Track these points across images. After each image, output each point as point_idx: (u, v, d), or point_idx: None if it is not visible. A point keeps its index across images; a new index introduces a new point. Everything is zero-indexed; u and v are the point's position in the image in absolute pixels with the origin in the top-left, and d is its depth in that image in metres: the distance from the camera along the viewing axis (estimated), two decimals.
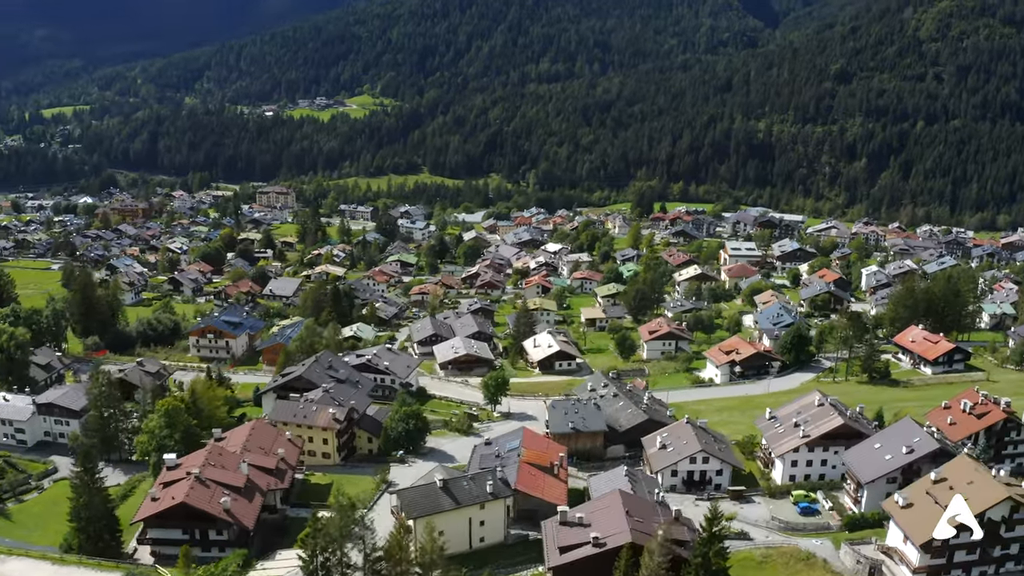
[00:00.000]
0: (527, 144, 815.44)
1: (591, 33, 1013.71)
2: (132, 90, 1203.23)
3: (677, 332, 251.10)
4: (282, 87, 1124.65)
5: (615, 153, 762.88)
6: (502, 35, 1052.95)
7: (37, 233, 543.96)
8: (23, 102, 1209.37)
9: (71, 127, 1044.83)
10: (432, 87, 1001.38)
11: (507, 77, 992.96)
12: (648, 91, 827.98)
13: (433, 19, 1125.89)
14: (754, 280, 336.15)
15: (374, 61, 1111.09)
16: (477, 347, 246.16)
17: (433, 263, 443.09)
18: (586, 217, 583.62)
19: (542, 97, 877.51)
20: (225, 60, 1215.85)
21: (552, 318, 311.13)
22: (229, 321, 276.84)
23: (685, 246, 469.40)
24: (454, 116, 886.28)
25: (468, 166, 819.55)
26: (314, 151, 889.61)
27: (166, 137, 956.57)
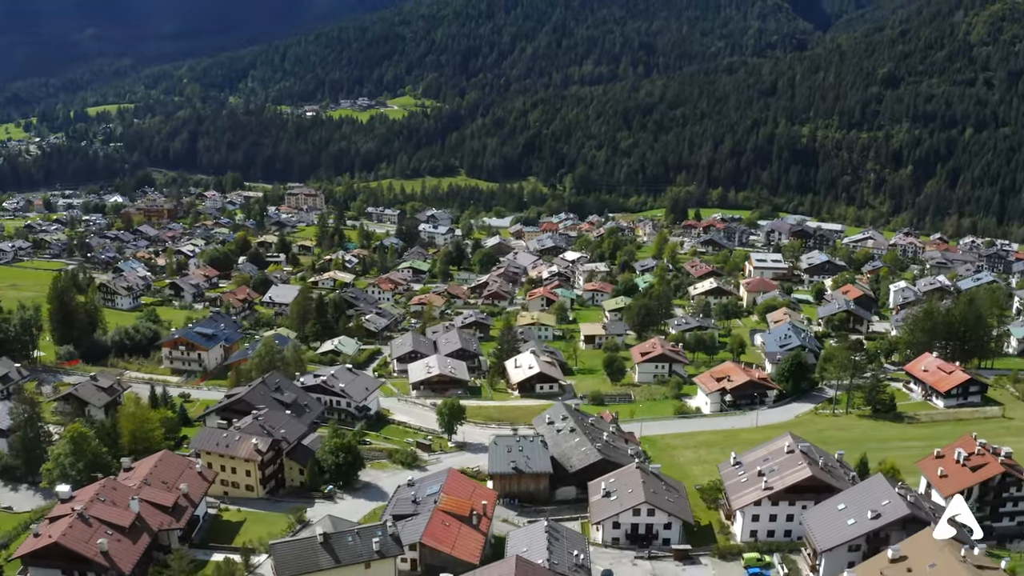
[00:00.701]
0: (566, 147, 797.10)
1: (636, 35, 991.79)
2: (177, 89, 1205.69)
3: (671, 354, 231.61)
4: (325, 87, 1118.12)
5: (654, 157, 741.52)
6: (546, 36, 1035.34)
7: (56, 233, 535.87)
8: (70, 100, 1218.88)
9: (113, 125, 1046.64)
10: (474, 88, 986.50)
11: (549, 79, 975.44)
12: (691, 94, 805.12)
13: (478, 20, 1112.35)
14: (770, 296, 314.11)
15: (417, 62, 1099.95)
16: (453, 367, 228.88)
17: (446, 271, 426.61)
18: (615, 223, 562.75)
19: (583, 99, 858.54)
20: (270, 60, 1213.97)
21: (550, 334, 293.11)
22: (202, 333, 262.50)
23: (712, 256, 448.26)
24: (493, 118, 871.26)
25: (505, 169, 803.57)
26: (351, 152, 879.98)
27: (205, 136, 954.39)
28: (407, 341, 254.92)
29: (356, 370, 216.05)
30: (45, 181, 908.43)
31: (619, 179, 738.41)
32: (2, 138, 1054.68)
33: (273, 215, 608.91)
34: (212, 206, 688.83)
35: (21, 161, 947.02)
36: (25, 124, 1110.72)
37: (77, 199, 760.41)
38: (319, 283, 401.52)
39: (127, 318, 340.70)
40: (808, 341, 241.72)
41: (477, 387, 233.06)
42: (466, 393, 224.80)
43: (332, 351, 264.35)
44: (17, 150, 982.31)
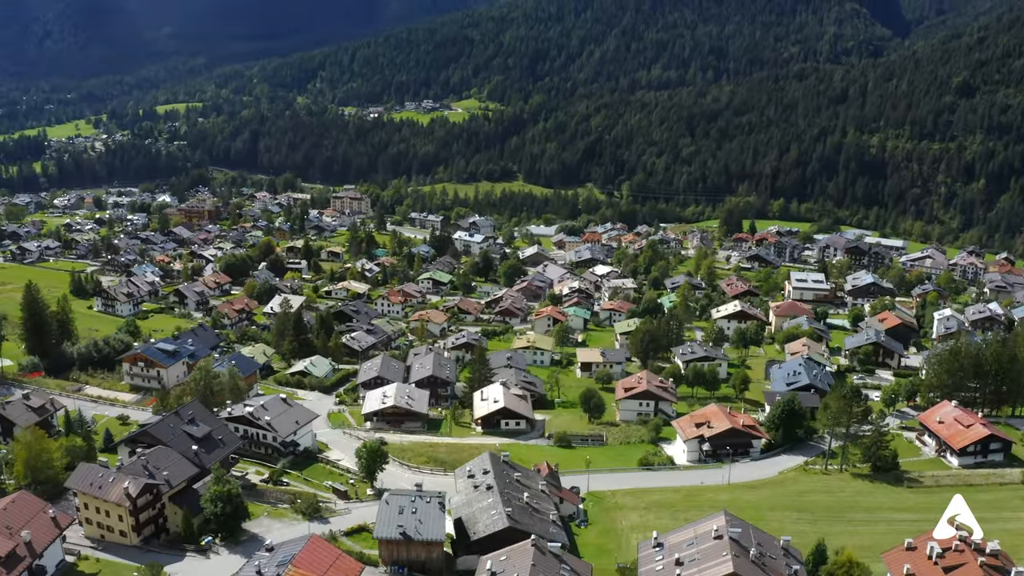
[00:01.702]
0: (626, 153, 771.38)
1: (707, 39, 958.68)
2: (247, 89, 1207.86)
3: (656, 391, 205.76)
4: (391, 89, 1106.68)
5: (716, 166, 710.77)
6: (615, 40, 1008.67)
7: (90, 232, 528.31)
8: (142, 98, 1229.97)
9: (179, 124, 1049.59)
10: (539, 92, 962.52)
11: (616, 83, 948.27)
12: (759, 101, 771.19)
13: (547, 23, 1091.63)
14: (795, 323, 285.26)
15: (484, 64, 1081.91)
16: (411, 397, 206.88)
17: (468, 283, 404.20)
18: (660, 235, 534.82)
19: (647, 105, 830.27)
20: (339, 61, 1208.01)
21: (547, 359, 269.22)
22: (162, 349, 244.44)
23: (754, 273, 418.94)
24: (555, 122, 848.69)
25: (563, 175, 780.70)
26: (409, 155, 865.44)
27: (266, 137, 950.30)
28: (375, 365, 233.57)
29: (290, 401, 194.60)
30: (108, 178, 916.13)
31: (678, 188, 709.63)
32: (72, 134, 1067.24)
33: (314, 219, 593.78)
34: (259, 207, 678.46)
35: (86, 158, 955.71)
36: (95, 121, 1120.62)
37: (129, 197, 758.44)
38: (332, 293, 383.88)
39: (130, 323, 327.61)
40: (820, 379, 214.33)
41: (440, 420, 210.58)
42: (424, 427, 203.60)
43: (301, 372, 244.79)
44: (83, 147, 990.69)
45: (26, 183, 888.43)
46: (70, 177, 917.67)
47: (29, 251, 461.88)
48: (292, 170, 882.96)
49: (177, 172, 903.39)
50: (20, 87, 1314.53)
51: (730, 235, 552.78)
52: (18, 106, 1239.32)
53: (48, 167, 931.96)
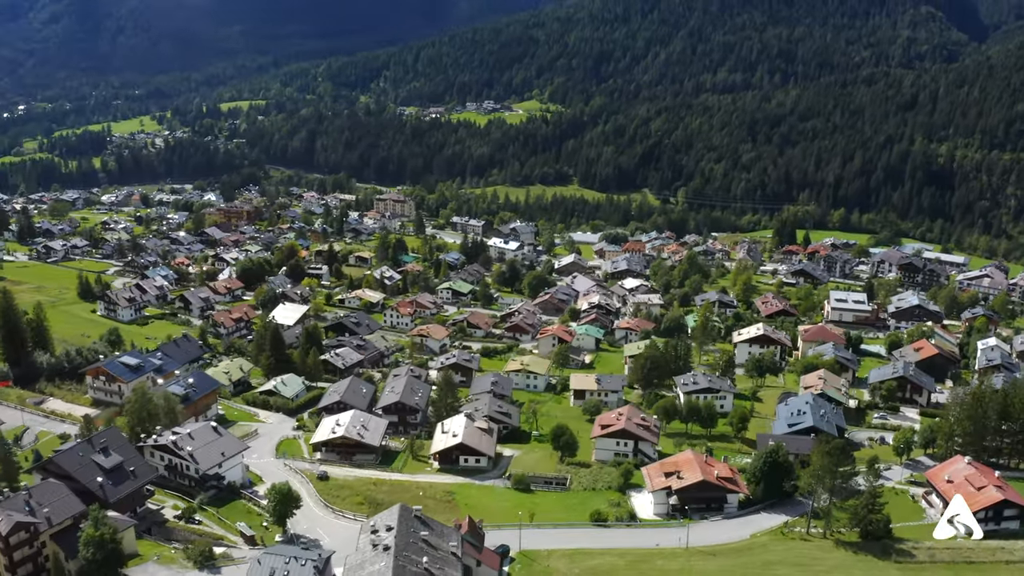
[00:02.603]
0: (684, 158, 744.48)
1: (776, 42, 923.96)
2: (311, 87, 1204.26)
3: (635, 429, 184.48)
4: (454, 89, 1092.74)
5: (777, 173, 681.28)
6: (681, 41, 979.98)
7: (122, 231, 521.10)
8: (208, 94, 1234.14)
9: (239, 121, 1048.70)
10: (601, 94, 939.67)
11: (680, 86, 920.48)
12: (824, 106, 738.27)
13: (612, 23, 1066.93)
14: (820, 350, 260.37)
15: (548, 66, 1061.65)
16: (367, 427, 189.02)
17: (488, 293, 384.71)
18: (705, 245, 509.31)
19: (709, 108, 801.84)
20: (403, 61, 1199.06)
21: (541, 383, 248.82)
22: (125, 363, 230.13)
23: (797, 290, 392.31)
24: (614, 126, 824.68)
25: (619, 180, 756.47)
26: (464, 156, 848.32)
27: (323, 136, 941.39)
28: (340, 388, 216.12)
29: (221, 429, 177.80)
30: (166, 175, 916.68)
31: (735, 195, 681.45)
32: (135, 130, 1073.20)
33: (353, 221, 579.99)
34: (305, 208, 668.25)
35: (145, 154, 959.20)
36: (159, 117, 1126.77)
37: (179, 195, 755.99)
38: (346, 301, 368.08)
39: (122, 332, 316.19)
40: (828, 420, 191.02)
41: (397, 453, 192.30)
42: (377, 460, 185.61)
43: (269, 391, 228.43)
44: (143, 143, 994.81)
45: (85, 178, 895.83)
46: (129, 173, 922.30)
47: (54, 250, 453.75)
48: (347, 170, 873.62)
49: (233, 170, 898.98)
50: (90, 82, 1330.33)
51: (781, 247, 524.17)
52: (87, 101, 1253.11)
53: (107, 163, 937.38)
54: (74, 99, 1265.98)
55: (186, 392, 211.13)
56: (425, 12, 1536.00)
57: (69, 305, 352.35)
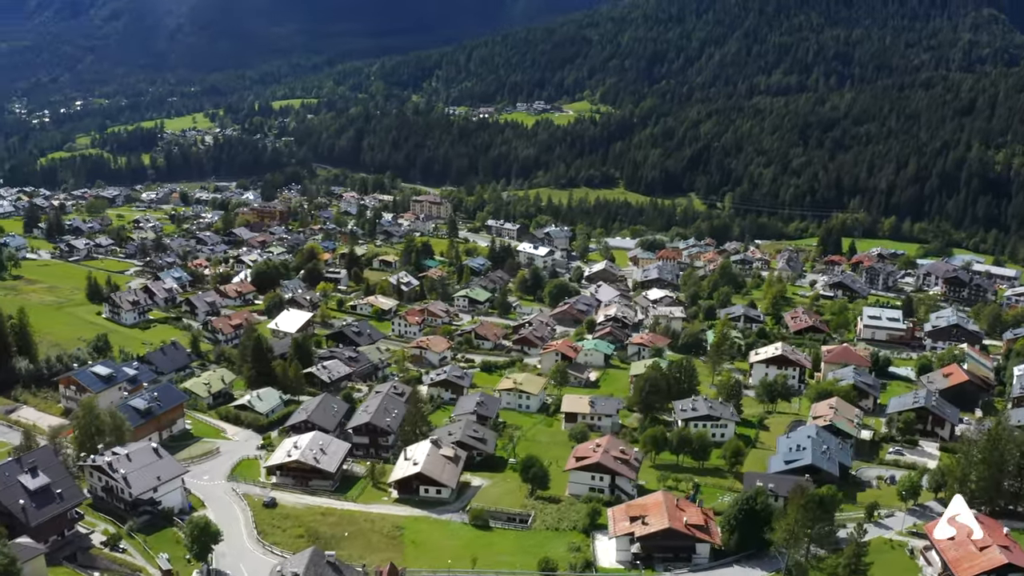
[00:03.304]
0: (733, 162, 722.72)
1: (833, 43, 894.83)
2: (363, 86, 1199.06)
3: (611, 463, 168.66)
4: (505, 90, 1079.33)
5: (827, 178, 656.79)
6: (736, 42, 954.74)
7: (149, 231, 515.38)
8: (261, 92, 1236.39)
9: (288, 120, 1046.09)
10: (652, 96, 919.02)
11: (734, 88, 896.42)
12: (880, 110, 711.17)
13: (667, 23, 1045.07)
14: (840, 374, 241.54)
15: (600, 66, 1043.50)
16: (325, 451, 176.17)
17: (506, 302, 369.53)
18: (743, 254, 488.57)
19: (761, 111, 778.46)
20: (455, 60, 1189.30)
21: (534, 404, 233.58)
22: (96, 373, 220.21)
23: (834, 303, 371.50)
24: (663, 128, 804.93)
25: (666, 183, 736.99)
26: (510, 157, 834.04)
27: (371, 135, 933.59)
28: (310, 406, 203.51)
29: (161, 451, 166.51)
30: (214, 172, 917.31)
31: (784, 201, 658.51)
32: (188, 127, 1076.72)
33: (386, 223, 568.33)
34: (344, 208, 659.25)
35: (193, 151, 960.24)
36: (212, 115, 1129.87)
37: (222, 193, 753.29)
38: (358, 308, 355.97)
39: (122, 336, 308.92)
40: (830, 458, 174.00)
41: (359, 479, 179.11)
42: (334, 486, 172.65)
43: (243, 406, 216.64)
44: (193, 140, 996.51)
45: (134, 174, 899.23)
46: (177, 170, 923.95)
47: (77, 248, 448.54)
48: (393, 170, 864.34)
49: (280, 168, 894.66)
50: (147, 79, 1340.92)
51: (825, 256, 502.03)
52: (142, 98, 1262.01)
53: (156, 159, 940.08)
54: (130, 95, 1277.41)
55: (148, 406, 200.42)
56: (481, 12, 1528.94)
57: (75, 307, 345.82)
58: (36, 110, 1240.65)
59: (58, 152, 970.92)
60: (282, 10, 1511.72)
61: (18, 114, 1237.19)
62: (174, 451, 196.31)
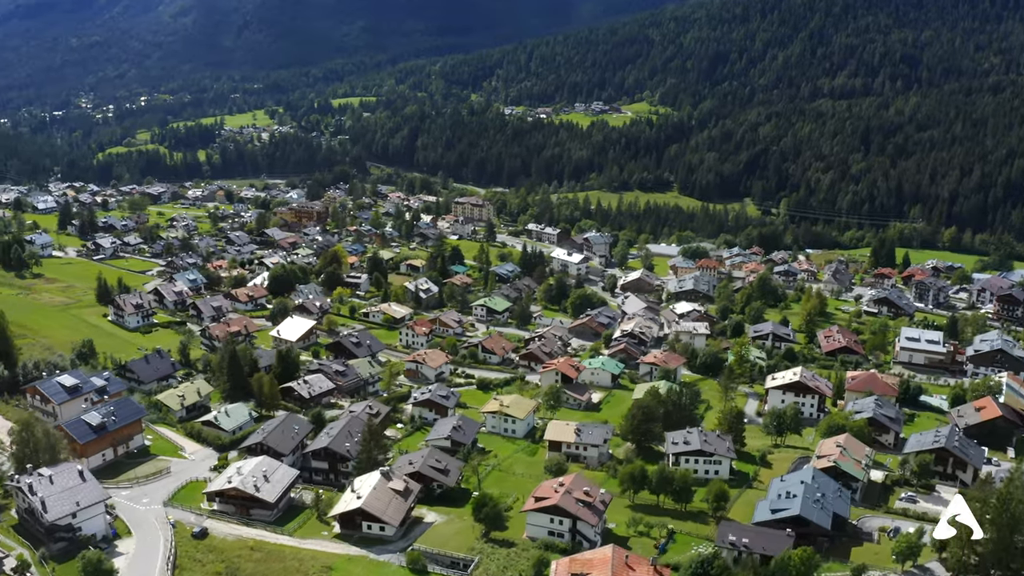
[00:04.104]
0: (791, 167, 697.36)
1: (900, 46, 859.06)
2: (423, 85, 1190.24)
3: (571, 507, 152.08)
4: (565, 89, 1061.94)
5: (887, 186, 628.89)
6: (800, 43, 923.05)
7: (180, 230, 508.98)
8: (322, 90, 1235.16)
9: (345, 118, 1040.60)
10: (713, 97, 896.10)
11: (797, 90, 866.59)
12: (945, 115, 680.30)
13: (730, 24, 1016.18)
14: (859, 405, 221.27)
15: (662, 66, 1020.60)
16: (267, 477, 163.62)
17: (524, 312, 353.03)
18: (787, 265, 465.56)
19: (823, 114, 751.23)
20: (516, 59, 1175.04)
21: (521, 428, 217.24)
22: (62, 383, 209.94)
23: (876, 320, 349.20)
24: (721, 130, 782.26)
25: (721, 188, 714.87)
26: (563, 159, 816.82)
27: (425, 134, 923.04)
28: (269, 426, 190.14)
29: (86, 474, 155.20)
30: (269, 169, 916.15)
31: (841, 208, 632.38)
32: (248, 123, 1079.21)
33: (423, 226, 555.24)
34: (389, 208, 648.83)
35: (249, 148, 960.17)
36: (272, 112, 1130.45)
37: (265, 192, 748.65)
38: (370, 315, 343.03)
39: (119, 340, 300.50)
40: (824, 506, 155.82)
41: (305, 509, 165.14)
42: (274, 516, 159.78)
43: (208, 422, 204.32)
44: (250, 137, 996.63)
45: (189, 170, 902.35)
46: (232, 167, 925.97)
47: (103, 247, 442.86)
48: (446, 170, 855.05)
49: (334, 166, 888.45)
50: (212, 76, 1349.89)
51: (875, 268, 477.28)
52: (206, 94, 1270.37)
53: (212, 156, 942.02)
54: (194, 91, 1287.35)
55: (102, 421, 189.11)
56: (549, 11, 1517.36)
57: (83, 309, 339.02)
58: (101, 105, 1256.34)
59: (116, 147, 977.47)
60: (349, 8, 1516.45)
61: (84, 109, 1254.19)
62: (124, 469, 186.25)
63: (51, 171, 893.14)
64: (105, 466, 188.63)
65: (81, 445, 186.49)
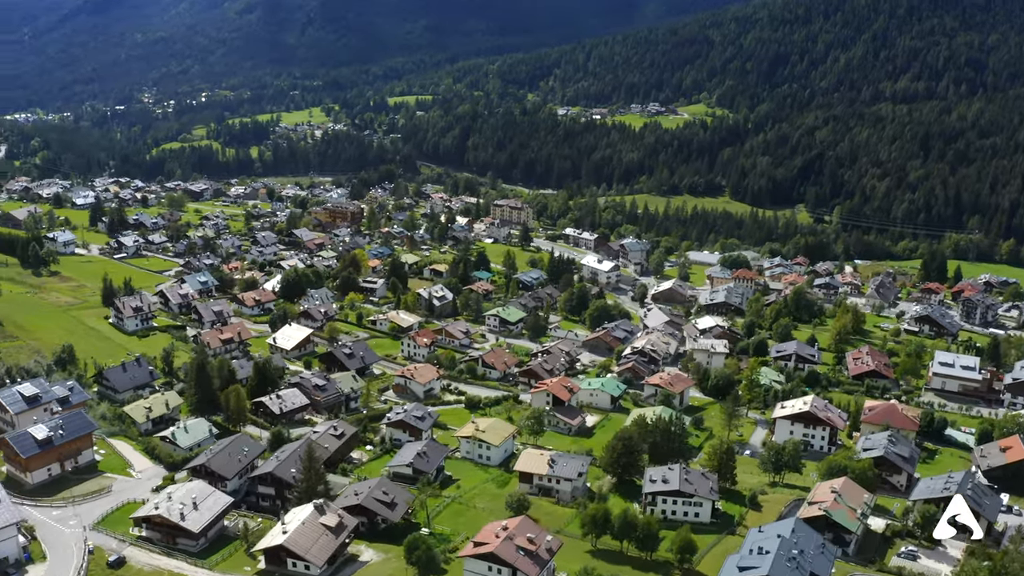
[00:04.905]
0: (847, 173, 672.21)
1: (965, 49, 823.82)
2: (480, 84, 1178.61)
3: (511, 556, 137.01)
4: (622, 90, 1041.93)
5: (945, 194, 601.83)
6: (863, 46, 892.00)
7: (210, 228, 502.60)
8: (381, 88, 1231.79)
9: (399, 116, 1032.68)
10: (771, 99, 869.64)
11: (858, 94, 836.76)
12: (1009, 121, 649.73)
13: (792, 24, 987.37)
14: (866, 443, 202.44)
15: (720, 67, 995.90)
16: (196, 505, 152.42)
17: (539, 324, 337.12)
18: (828, 277, 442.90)
19: (882, 119, 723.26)
20: (574, 59, 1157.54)
21: (497, 456, 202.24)
22: (22, 393, 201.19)
23: (919, 339, 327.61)
24: (777, 134, 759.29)
25: (774, 193, 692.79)
26: (613, 161, 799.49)
27: (476, 134, 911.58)
28: (217, 448, 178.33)
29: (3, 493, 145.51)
30: (320, 166, 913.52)
31: (896, 217, 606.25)
32: (305, 120, 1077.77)
33: (457, 228, 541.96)
34: (430, 209, 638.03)
35: (301, 146, 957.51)
36: (328, 109, 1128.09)
37: (317, 189, 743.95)
38: (377, 323, 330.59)
39: (112, 344, 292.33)
40: (801, 566, 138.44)
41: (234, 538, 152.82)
42: (199, 547, 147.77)
43: (164, 438, 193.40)
44: (303, 134, 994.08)
45: (240, 167, 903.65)
46: (283, 164, 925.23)
47: (125, 246, 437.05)
48: (495, 170, 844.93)
49: (384, 164, 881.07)
50: (273, 72, 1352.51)
51: (922, 282, 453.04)
52: (266, 90, 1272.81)
53: (264, 153, 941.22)
54: (255, 88, 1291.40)
55: (49, 435, 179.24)
56: (613, 11, 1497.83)
57: (87, 309, 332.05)
58: (162, 100, 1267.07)
59: (171, 143, 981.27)
60: (412, 6, 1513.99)
61: (145, 104, 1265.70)
62: (69, 485, 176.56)
63: (106, 165, 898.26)
64: (50, 481, 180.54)
65: (25, 459, 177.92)
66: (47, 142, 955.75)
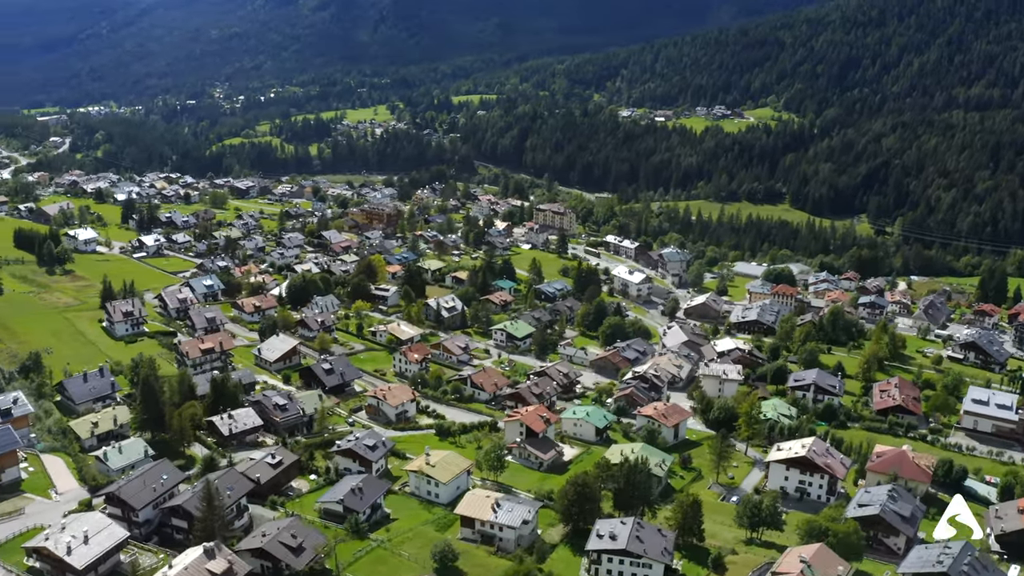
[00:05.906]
0: (912, 183, 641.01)
1: None
2: (547, 84, 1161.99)
3: None
4: (689, 92, 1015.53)
5: (1014, 207, 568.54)
6: (938, 50, 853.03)
7: (239, 228, 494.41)
8: (447, 86, 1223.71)
9: (460, 115, 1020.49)
10: (840, 104, 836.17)
11: (930, 100, 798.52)
12: None
13: (865, 27, 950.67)
14: (863, 497, 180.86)
15: (790, 70, 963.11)
16: (87, 538, 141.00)
17: (546, 341, 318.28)
18: (873, 297, 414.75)
19: (952, 126, 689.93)
20: (642, 60, 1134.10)
21: (445, 493, 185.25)
22: None
23: (963, 369, 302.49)
24: (842, 140, 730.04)
25: (834, 202, 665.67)
26: (672, 165, 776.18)
27: (534, 135, 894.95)
28: (134, 473, 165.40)
29: None
30: (378, 165, 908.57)
31: (960, 230, 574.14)
32: (369, 118, 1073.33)
33: (493, 233, 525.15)
34: (479, 211, 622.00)
35: (360, 144, 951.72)
36: (392, 107, 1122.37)
37: (370, 188, 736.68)
38: (377, 335, 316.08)
39: (95, 351, 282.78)
40: None
41: None
42: None
43: (100, 457, 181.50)
44: (363, 132, 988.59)
45: (299, 164, 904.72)
46: (342, 162, 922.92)
47: (146, 245, 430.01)
48: (552, 173, 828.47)
49: (443, 164, 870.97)
50: (343, 70, 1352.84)
51: (977, 303, 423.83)
52: (334, 87, 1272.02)
53: (324, 150, 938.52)
54: (324, 85, 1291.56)
55: None
56: (683, 12, 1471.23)
57: (84, 312, 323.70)
58: (233, 95, 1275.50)
59: (233, 138, 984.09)
60: (484, 4, 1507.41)
61: (215, 99, 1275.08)
62: None
63: (168, 160, 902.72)
64: None
65: None
66: (111, 135, 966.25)
